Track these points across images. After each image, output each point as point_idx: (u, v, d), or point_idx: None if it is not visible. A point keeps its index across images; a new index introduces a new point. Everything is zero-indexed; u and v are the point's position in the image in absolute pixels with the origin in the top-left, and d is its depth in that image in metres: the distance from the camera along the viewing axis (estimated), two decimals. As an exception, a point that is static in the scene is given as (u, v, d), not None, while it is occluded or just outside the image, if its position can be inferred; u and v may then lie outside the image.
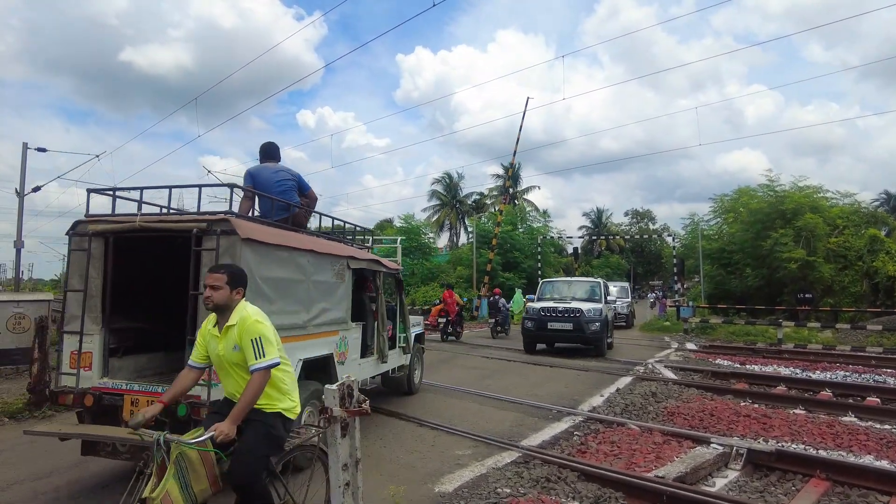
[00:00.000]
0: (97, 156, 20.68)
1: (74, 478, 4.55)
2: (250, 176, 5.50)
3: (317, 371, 5.25)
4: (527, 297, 21.80)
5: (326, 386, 2.54)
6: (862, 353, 13.09)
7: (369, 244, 7.68)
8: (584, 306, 12.71)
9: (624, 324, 21.66)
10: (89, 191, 4.89)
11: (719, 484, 4.59)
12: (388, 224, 50.96)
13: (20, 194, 20.14)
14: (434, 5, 9.79)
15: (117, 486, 4.40)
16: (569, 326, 12.55)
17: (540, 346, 13.96)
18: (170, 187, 4.95)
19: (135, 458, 3.55)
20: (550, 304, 13.21)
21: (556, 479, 4.46)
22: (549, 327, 12.76)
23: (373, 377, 7.12)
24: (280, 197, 5.33)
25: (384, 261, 7.38)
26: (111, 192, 4.74)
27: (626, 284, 27.23)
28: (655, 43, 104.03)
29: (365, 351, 6.62)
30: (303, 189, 5.85)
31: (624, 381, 9.09)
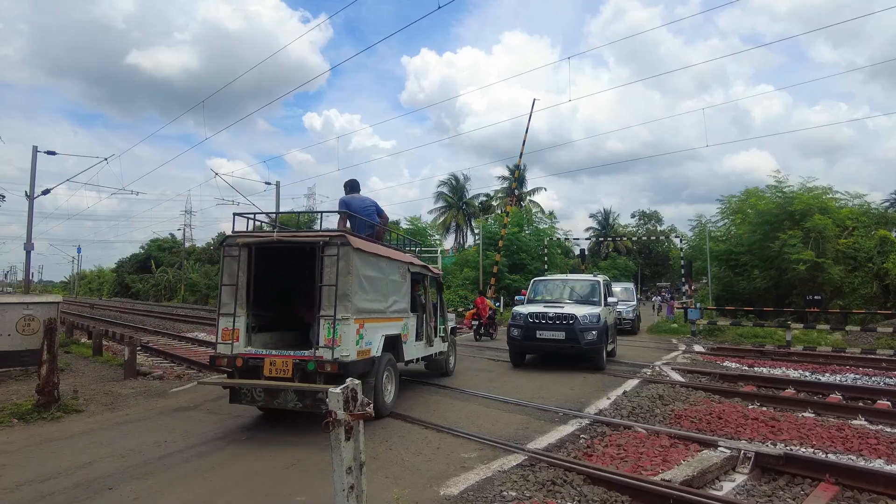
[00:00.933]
0: (105, 159, 20.89)
1: (81, 479, 4.57)
2: (344, 203, 7.72)
3: (391, 346, 7.21)
4: (516, 297, 20.22)
5: (330, 389, 2.54)
6: (872, 356, 12.97)
7: (418, 252, 11.16)
8: (580, 311, 10.84)
9: (629, 329, 19.98)
10: (235, 214, 6.78)
11: (727, 488, 4.56)
12: (394, 226, 51.09)
13: (30, 197, 20.31)
14: (439, 7, 9.80)
15: (123, 486, 4.42)
16: (560, 335, 10.61)
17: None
18: (297, 213, 9.37)
19: (268, 403, 6.29)
20: (540, 308, 11.20)
21: (561, 483, 4.44)
22: (537, 336, 10.76)
23: (419, 359, 8.86)
24: (368, 219, 7.61)
25: (430, 266, 9.66)
26: (252, 216, 6.83)
27: (631, 286, 23.74)
28: (661, 44, 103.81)
29: (418, 336, 8.56)
30: (379, 212, 7.98)
31: (631, 384, 9.05)
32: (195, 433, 6.11)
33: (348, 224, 7.52)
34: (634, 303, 21.38)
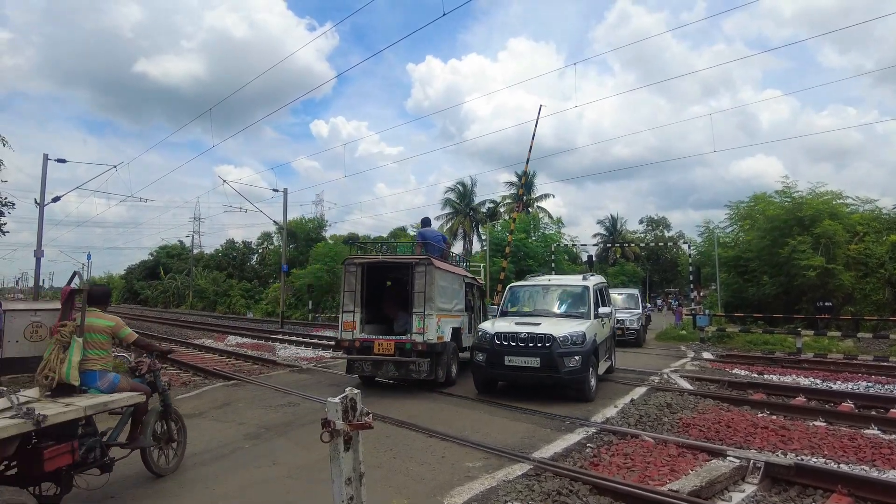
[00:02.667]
0: (115, 166, 21.09)
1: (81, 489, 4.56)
2: (421, 234, 11.18)
3: (455, 336, 10.07)
4: (490, 306, 16.49)
5: (329, 399, 2.50)
6: (885, 364, 12.77)
7: (466, 267, 13.58)
8: (560, 329, 8.42)
9: (633, 340, 17.70)
10: (350, 242, 10.03)
11: (736, 499, 4.47)
12: (401, 232, 51.10)
13: (40, 204, 20.49)
14: (444, 14, 9.90)
15: (124, 495, 4.39)
16: (534, 362, 8.21)
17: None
18: (383, 243, 13.10)
19: (373, 373, 9.44)
20: (510, 326, 8.75)
21: (567, 493, 4.37)
22: (506, 363, 8.33)
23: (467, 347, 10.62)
24: (438, 243, 10.88)
25: (476, 278, 12.95)
26: (362, 244, 11.88)
27: (636, 292, 21.74)
28: (666, 49, 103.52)
29: (470, 329, 11.33)
30: (444, 240, 11.58)
31: (639, 392, 8.95)
32: (198, 441, 6.08)
33: (425, 250, 10.43)
34: (639, 311, 19.09)
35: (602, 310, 9.65)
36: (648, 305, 35.52)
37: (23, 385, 9.49)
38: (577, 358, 8.18)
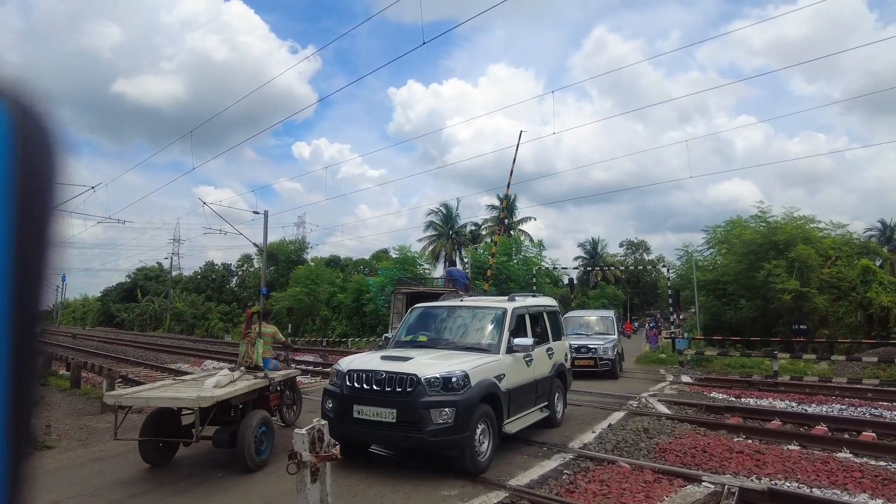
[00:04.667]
0: (93, 187, 20.78)
1: None
2: (449, 272, 13.50)
3: None
4: (383, 336, 14.52)
5: (296, 430, 2.48)
6: (858, 386, 12.98)
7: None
8: (431, 368, 5.96)
9: (607, 371, 14.84)
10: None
11: (710, 525, 4.48)
12: (384, 255, 51.00)
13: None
14: (424, 43, 10.04)
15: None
16: (390, 416, 5.79)
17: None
18: (421, 279, 14.52)
19: None
20: (371, 361, 6.49)
21: (542, 522, 4.34)
22: (354, 415, 5.91)
23: None
24: (462, 280, 12.43)
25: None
26: (415, 284, 16.14)
27: (611, 314, 18.26)
28: (643, 76, 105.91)
29: None
30: (467, 276, 12.79)
31: (616, 416, 8.95)
32: (169, 471, 5.94)
33: (452, 284, 12.74)
34: (615, 337, 16.19)
35: (520, 341, 6.97)
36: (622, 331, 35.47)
37: None
38: (447, 412, 5.55)
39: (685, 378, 15.14)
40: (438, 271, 52.28)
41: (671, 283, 27.08)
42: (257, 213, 32.17)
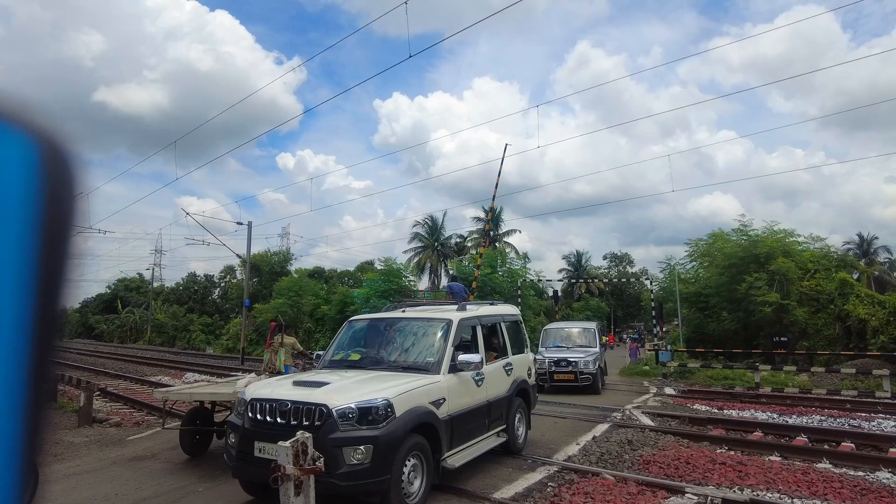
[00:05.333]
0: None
1: None
2: (450, 287, 12.48)
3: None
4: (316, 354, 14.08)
5: (279, 443, 2.46)
6: (837, 397, 13.17)
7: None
8: (346, 395, 5.02)
9: (588, 385, 14.21)
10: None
11: (693, 537, 4.50)
12: (368, 266, 50.85)
13: (-10, 236, 19.76)
14: (410, 56, 10.09)
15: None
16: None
17: None
18: (426, 303, 10.45)
19: None
20: (279, 388, 5.47)
21: (526, 534, 4.32)
22: (255, 453, 4.84)
23: None
24: (461, 294, 10.97)
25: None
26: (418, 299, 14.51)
27: (593, 326, 17.29)
28: (625, 90, 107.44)
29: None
30: (466, 290, 12.38)
31: (601, 429, 8.98)
32: (149, 485, 5.84)
33: (452, 298, 12.31)
34: (596, 349, 15.35)
35: (466, 358, 5.87)
36: (605, 342, 35.57)
37: None
38: (363, 450, 4.56)
39: (668, 390, 15.24)
40: (424, 283, 52.33)
41: (654, 296, 27.33)
42: (241, 223, 31.98)
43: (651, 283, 29.20)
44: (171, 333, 54.00)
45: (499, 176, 28.19)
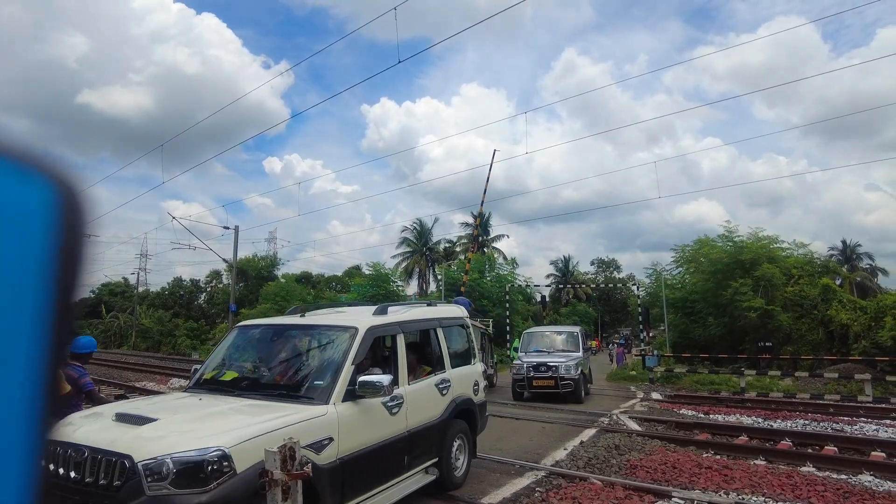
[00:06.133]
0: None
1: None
2: (455, 301, 11.11)
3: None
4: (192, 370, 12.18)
5: (266, 449, 2.45)
6: (820, 401, 13.33)
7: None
8: (167, 443, 3.39)
9: (570, 391, 13.48)
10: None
11: (679, 541, 4.53)
12: (356, 271, 50.73)
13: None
14: (399, 62, 10.11)
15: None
16: None
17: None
18: (428, 303, 9.90)
19: None
20: (93, 424, 3.87)
21: (514, 540, 4.32)
22: None
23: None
24: (467, 308, 10.01)
25: (487, 328, 17.50)
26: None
27: (577, 330, 16.50)
28: (611, 98, 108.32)
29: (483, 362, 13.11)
30: (469, 304, 11.22)
31: (588, 434, 9.01)
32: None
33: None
34: (580, 354, 14.67)
35: (369, 379, 4.37)
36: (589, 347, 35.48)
37: None
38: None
39: (655, 395, 15.34)
40: (412, 288, 52.31)
41: (641, 301, 27.53)
42: (227, 228, 31.76)
43: (638, 288, 29.42)
44: (157, 339, 53.40)
45: (487, 181, 28.35)
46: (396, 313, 5.58)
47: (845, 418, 11.12)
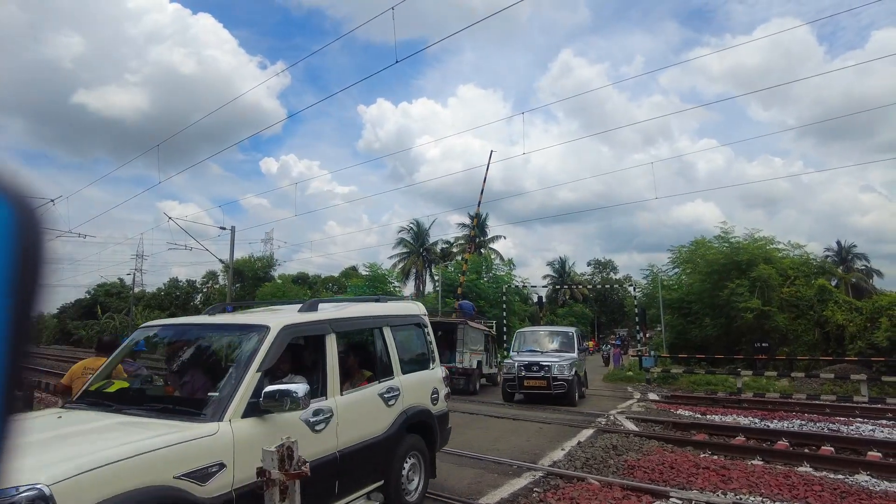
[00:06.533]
0: (52, 200, 20.17)
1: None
2: (460, 305, 18.86)
3: (479, 365, 17.10)
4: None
5: (263, 448, 2.43)
6: (817, 402, 13.37)
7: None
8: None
9: (563, 394, 12.92)
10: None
11: (678, 541, 4.52)
12: (353, 272, 50.65)
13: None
14: (397, 62, 10.13)
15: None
16: None
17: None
18: (440, 311, 22.42)
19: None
20: None
21: (512, 540, 4.31)
22: None
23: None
24: (469, 311, 18.08)
25: (491, 330, 19.99)
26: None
27: (572, 331, 15.76)
28: (608, 99, 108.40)
29: (488, 362, 18.49)
30: (473, 308, 19.01)
31: (585, 434, 9.01)
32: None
33: (462, 314, 17.50)
34: (574, 355, 14.01)
35: (277, 389, 3.45)
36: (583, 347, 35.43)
37: None
38: None
39: (652, 395, 15.36)
40: (409, 289, 52.28)
41: (638, 302, 27.56)
42: (224, 228, 31.60)
43: (634, 289, 29.44)
44: (152, 340, 53.18)
45: (484, 182, 28.40)
46: (328, 310, 4.77)
47: (841, 419, 11.14)
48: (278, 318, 4.13)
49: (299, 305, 4.71)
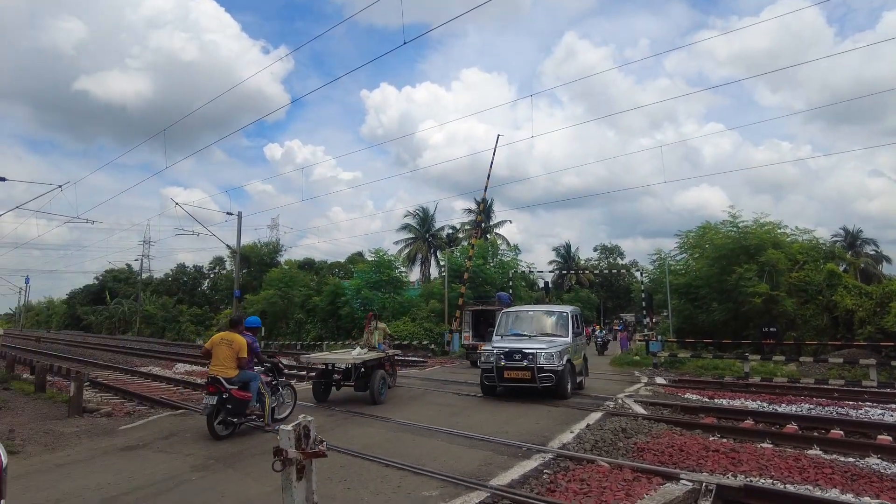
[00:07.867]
0: (60, 186, 20.23)
1: None
2: (498, 296, 23.74)
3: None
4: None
5: (281, 427, 2.42)
6: (825, 386, 13.34)
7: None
8: None
9: (550, 385, 10.64)
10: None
11: (689, 522, 4.52)
12: (359, 258, 50.71)
13: (-25, 225, 19.45)
14: (405, 43, 9.99)
15: None
16: None
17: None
18: (480, 298, 26.05)
19: (475, 359, 18.28)
20: None
21: (524, 520, 4.32)
22: None
23: None
24: (506, 302, 21.61)
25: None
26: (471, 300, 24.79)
27: (567, 310, 12.76)
28: (612, 83, 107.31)
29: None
30: (510, 298, 23.90)
31: (594, 417, 9.02)
32: (141, 474, 5.78)
33: (500, 303, 20.98)
34: (568, 340, 11.74)
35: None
36: (602, 331, 35.69)
37: None
38: None
39: (659, 380, 15.35)
40: (415, 275, 52.35)
41: (644, 287, 27.46)
42: (230, 214, 31.73)
43: (641, 274, 29.33)
44: (161, 325, 53.67)
45: (491, 166, 28.29)
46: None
47: (850, 403, 11.12)
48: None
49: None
